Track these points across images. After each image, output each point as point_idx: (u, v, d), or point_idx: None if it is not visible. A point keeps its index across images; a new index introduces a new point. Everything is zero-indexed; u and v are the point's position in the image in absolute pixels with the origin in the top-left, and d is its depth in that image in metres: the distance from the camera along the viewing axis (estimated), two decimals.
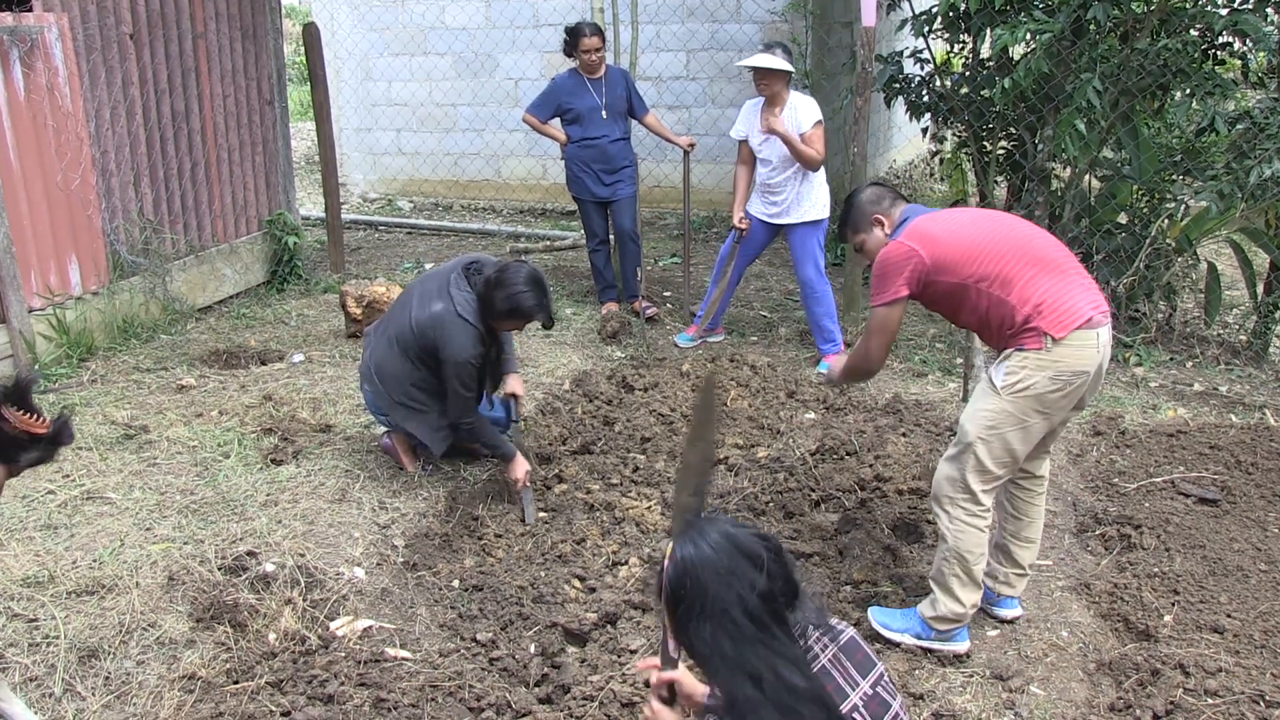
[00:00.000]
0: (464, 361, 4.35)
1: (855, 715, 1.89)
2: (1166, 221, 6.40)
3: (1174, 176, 6.51)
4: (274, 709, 3.18)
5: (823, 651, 1.92)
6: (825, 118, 6.07)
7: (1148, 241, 6.26)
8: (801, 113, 5.91)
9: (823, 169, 6.09)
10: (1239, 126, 6.12)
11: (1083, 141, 6.12)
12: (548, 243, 9.51)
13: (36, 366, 5.74)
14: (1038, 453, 3.56)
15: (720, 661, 1.89)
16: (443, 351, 4.36)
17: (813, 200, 6.04)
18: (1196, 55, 6.25)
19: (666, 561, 1.97)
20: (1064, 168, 6.97)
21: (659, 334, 6.90)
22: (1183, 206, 6.44)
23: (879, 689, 1.95)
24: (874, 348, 3.57)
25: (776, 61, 5.84)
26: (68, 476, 4.60)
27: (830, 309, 6.20)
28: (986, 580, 3.66)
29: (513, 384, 4.82)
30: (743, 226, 6.30)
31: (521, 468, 4.51)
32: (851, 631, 1.99)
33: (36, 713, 3.15)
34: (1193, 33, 6.21)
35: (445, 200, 11.44)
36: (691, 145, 6.98)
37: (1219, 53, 6.62)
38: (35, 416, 2.46)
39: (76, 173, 6.03)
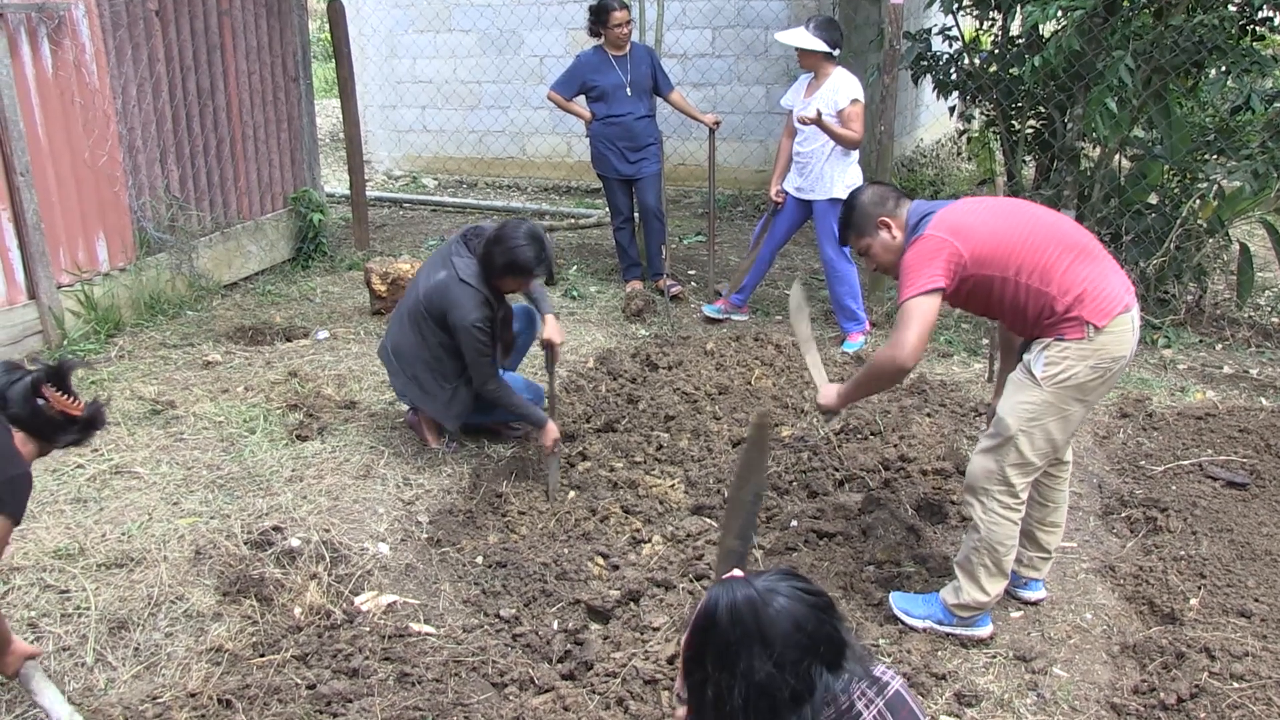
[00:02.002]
0: (470, 324, 4.36)
1: None
2: (1198, 202, 6.32)
3: (1207, 156, 6.42)
4: (299, 682, 3.21)
5: (867, 708, 1.81)
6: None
7: (1178, 222, 6.19)
8: (841, 91, 5.87)
9: (854, 150, 6.04)
10: (1276, 104, 6.03)
11: (1113, 120, 6.04)
12: (572, 220, 9.49)
13: (65, 341, 5.79)
14: (1068, 439, 3.53)
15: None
16: (449, 317, 4.39)
17: (839, 178, 5.99)
18: (1234, 31, 6.15)
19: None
20: (1094, 147, 6.89)
21: (683, 312, 6.89)
22: (1215, 186, 6.35)
23: None
24: (908, 340, 3.19)
25: (807, 40, 5.80)
26: (96, 451, 4.64)
27: (853, 288, 6.17)
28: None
29: (548, 329, 4.67)
30: (779, 200, 6.28)
31: (552, 434, 4.50)
32: (898, 685, 1.89)
33: (69, 681, 3.19)
34: (1230, 7, 6.12)
35: (470, 178, 11.44)
36: (717, 123, 6.94)
37: (1258, 28, 6.51)
38: (72, 399, 2.53)
39: (104, 149, 6.06)
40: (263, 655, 3.35)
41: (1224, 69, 6.10)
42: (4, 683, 3.16)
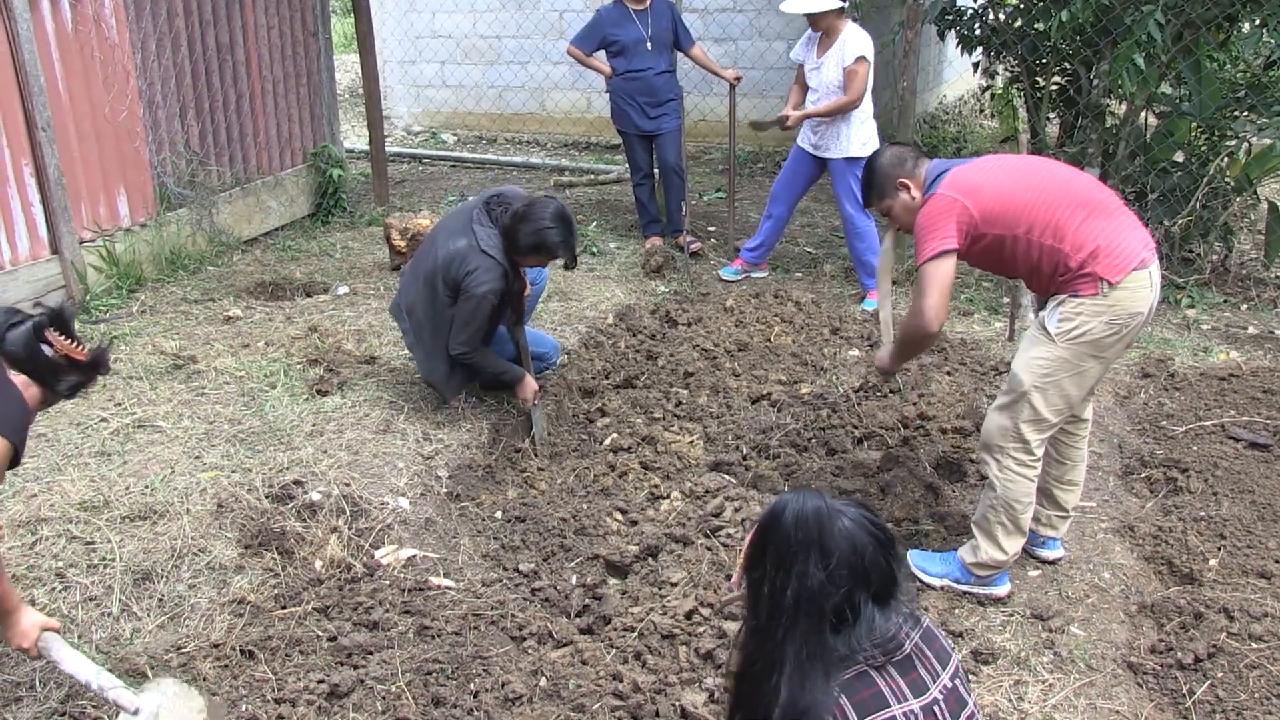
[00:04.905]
0: (483, 295, 4.34)
1: (935, 709, 1.87)
2: (1226, 160, 6.23)
3: (1237, 113, 6.31)
4: (320, 634, 3.25)
5: (906, 639, 1.89)
6: (874, 51, 5.91)
7: (1205, 180, 6.10)
8: (849, 46, 5.80)
9: (869, 106, 5.97)
10: None
11: (1141, 77, 5.94)
12: (592, 176, 9.45)
13: (88, 297, 5.82)
14: (1084, 396, 3.51)
15: (754, 618, 1.94)
16: (464, 282, 4.37)
17: (853, 136, 5.94)
18: None
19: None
20: (1120, 104, 6.78)
21: (703, 269, 6.86)
22: (1245, 144, 6.25)
23: (956, 682, 1.93)
24: (930, 305, 3.23)
25: (815, 4, 5.69)
26: (119, 405, 4.68)
27: (873, 244, 6.13)
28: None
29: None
30: (787, 114, 6.12)
31: (529, 388, 4.56)
32: (926, 620, 1.98)
33: (96, 631, 3.24)
34: None
35: (489, 133, 11.39)
36: (737, 79, 6.87)
37: None
38: (76, 343, 2.52)
39: (123, 105, 6.06)
40: (284, 607, 3.39)
41: (1259, 22, 5.97)
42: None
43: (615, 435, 4.55)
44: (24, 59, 5.36)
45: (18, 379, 2.47)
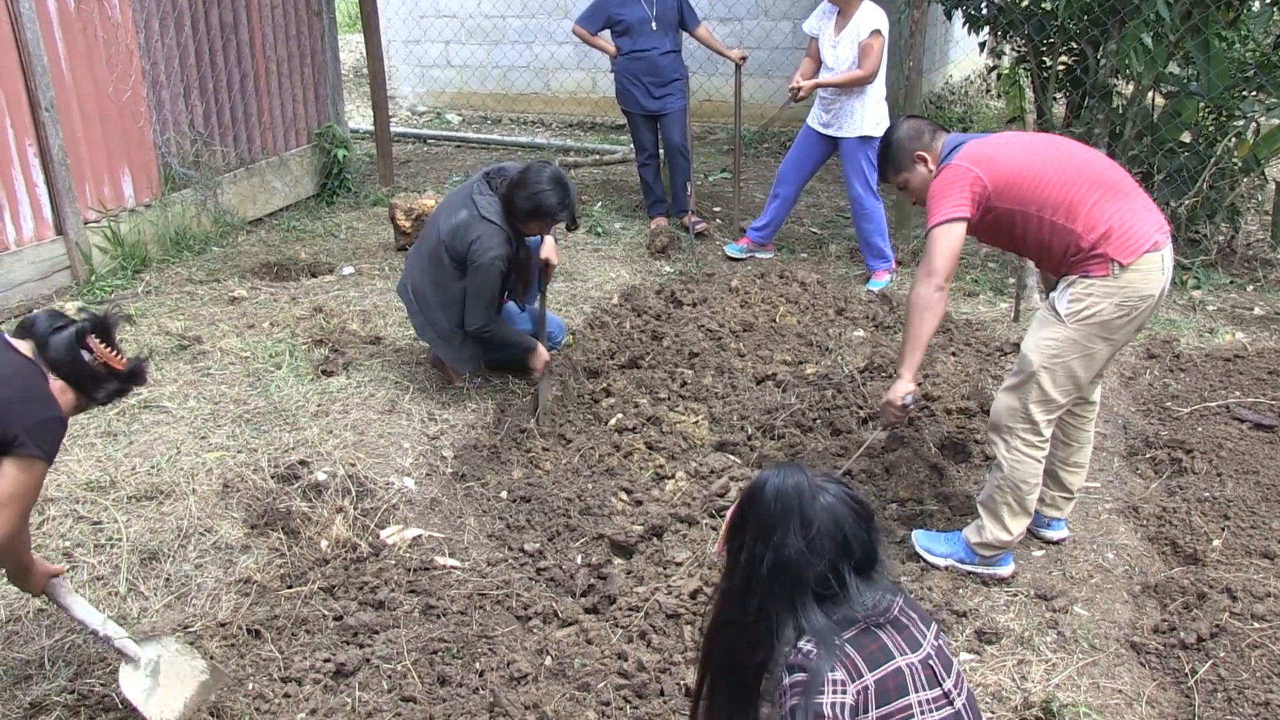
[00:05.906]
0: (490, 261, 4.34)
1: (930, 663, 1.94)
2: (1234, 140, 6.19)
3: (1245, 92, 6.27)
4: (326, 613, 3.27)
5: (892, 604, 1.96)
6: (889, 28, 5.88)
7: (1212, 161, 6.07)
8: (864, 21, 5.77)
9: (881, 86, 5.94)
10: None
11: (1149, 56, 5.89)
12: (597, 157, 9.42)
13: (93, 278, 5.83)
14: (1093, 378, 3.50)
15: (728, 582, 2.02)
16: (470, 251, 4.38)
17: (864, 115, 5.91)
18: None
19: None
20: (1127, 84, 6.75)
21: (708, 249, 6.85)
22: (1252, 124, 6.22)
23: (940, 641, 2.00)
24: (934, 265, 3.21)
25: None
26: None
27: (881, 226, 6.11)
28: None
29: (545, 249, 4.60)
30: (797, 84, 6.07)
31: (540, 358, 4.57)
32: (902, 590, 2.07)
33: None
34: None
35: (494, 114, 11.36)
36: (743, 59, 6.84)
37: None
38: (116, 352, 2.55)
39: (127, 85, 6.04)
40: (290, 587, 3.41)
41: (1269, 0, 5.92)
42: (44, 608, 3.24)
43: (620, 415, 4.55)
44: (26, 38, 5.35)
45: (55, 384, 2.49)
